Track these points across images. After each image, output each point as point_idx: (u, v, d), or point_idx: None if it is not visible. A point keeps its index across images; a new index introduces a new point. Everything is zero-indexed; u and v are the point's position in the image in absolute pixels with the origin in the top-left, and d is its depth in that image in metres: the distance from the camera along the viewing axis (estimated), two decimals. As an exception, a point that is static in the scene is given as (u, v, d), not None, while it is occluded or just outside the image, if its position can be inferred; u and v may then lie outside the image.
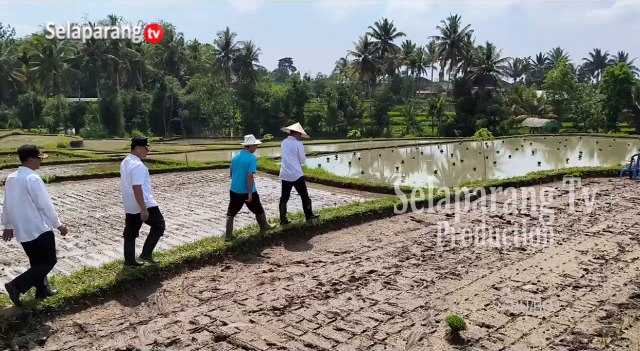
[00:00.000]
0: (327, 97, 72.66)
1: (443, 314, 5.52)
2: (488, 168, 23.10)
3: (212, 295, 6.19)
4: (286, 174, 9.05)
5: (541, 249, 7.95)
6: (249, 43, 76.88)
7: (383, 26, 78.42)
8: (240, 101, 73.15)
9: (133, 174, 6.52)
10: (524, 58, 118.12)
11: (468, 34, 73.35)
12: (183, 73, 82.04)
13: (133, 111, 70.57)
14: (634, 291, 6.08)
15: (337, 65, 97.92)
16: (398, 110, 73.15)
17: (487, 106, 66.23)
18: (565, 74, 65.18)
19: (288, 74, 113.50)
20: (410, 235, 8.97)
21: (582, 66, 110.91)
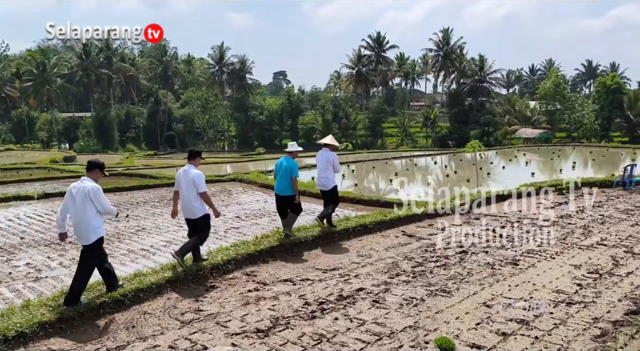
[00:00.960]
0: (321, 109, 72.73)
1: (432, 334, 5.33)
2: (482, 180, 22.98)
3: (194, 316, 5.98)
4: (322, 183, 9.80)
5: (534, 264, 7.78)
6: (243, 57, 77.18)
7: (376, 39, 78.88)
8: (235, 114, 73.21)
9: (197, 182, 7.41)
10: (517, 69, 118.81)
11: (461, 46, 73.88)
12: (177, 87, 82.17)
13: (127, 125, 70.43)
14: (628, 308, 5.91)
15: (331, 77, 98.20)
16: (392, 122, 73.25)
17: (481, 117, 66.44)
18: (557, 84, 65.47)
19: (282, 87, 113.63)
20: (400, 250, 8.79)
21: (574, 77, 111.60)
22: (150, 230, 11.22)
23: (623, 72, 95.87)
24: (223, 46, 77.54)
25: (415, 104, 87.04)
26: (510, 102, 70.90)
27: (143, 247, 9.74)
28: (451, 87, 75.99)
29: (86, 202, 6.08)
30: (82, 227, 6.13)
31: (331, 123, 70.75)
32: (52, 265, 8.57)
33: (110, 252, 9.35)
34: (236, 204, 14.61)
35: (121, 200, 15.98)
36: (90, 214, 6.11)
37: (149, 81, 77.56)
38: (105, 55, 71.43)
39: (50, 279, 7.78)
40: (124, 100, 77.63)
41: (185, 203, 7.54)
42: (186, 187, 7.47)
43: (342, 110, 71.16)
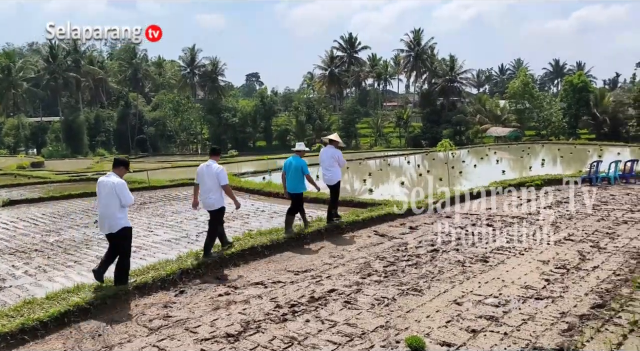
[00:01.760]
0: (295, 111, 72.62)
1: (403, 333, 5.34)
2: (454, 178, 23.23)
3: (162, 323, 5.86)
4: (327, 178, 10.29)
5: (503, 260, 7.88)
6: (215, 58, 76.60)
7: (348, 40, 79.27)
8: (207, 117, 72.54)
9: (220, 176, 8.06)
10: (487, 69, 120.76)
11: (432, 46, 74.74)
12: (148, 90, 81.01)
13: (97, 129, 69.10)
14: (594, 302, 6.02)
15: (305, 79, 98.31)
16: (365, 123, 73.65)
17: (453, 116, 67.31)
18: (526, 83, 66.75)
19: (255, 88, 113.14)
20: (373, 250, 8.80)
21: (543, 76, 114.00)
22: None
23: (589, 70, 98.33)
24: (194, 48, 76.89)
25: (388, 104, 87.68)
26: (480, 101, 71.98)
27: (112, 253, 9.51)
28: (423, 87, 76.86)
29: (111, 195, 6.68)
30: (107, 218, 6.76)
31: (305, 124, 70.73)
32: (17, 273, 8.32)
33: (78, 258, 9.15)
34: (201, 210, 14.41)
35: (90, 205, 15.64)
36: (115, 206, 6.71)
37: (119, 84, 76.24)
38: (73, 58, 69.95)
39: (14, 288, 7.55)
40: (93, 104, 76.14)
41: (205, 196, 8.17)
42: (209, 180, 8.10)
43: (316, 111, 71.21)
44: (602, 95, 66.53)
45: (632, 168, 16.39)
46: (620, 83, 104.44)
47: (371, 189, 20.05)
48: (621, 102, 65.82)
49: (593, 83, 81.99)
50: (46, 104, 78.43)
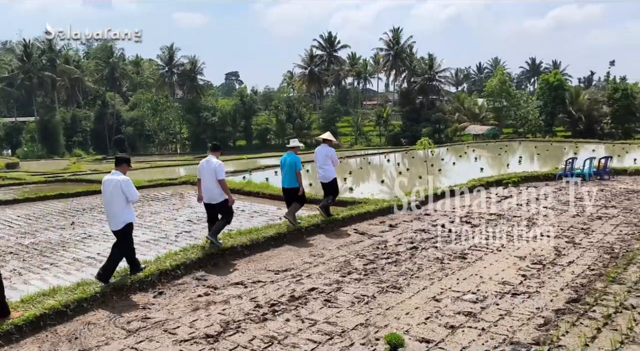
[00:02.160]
0: (275, 109, 72.44)
1: (383, 331, 5.37)
2: (434, 176, 23.44)
3: (141, 325, 5.80)
4: (322, 175, 10.65)
5: (481, 257, 7.98)
6: (194, 57, 75.91)
7: (328, 39, 79.34)
8: (186, 116, 71.87)
9: (217, 171, 8.35)
10: (465, 67, 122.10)
11: (410, 45, 75.19)
12: (125, 89, 79.97)
13: (73, 129, 67.98)
14: (570, 296, 6.13)
15: (284, 77, 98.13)
16: (346, 121, 73.81)
17: (432, 115, 67.90)
18: (503, 82, 67.61)
19: (235, 87, 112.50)
20: (352, 249, 8.83)
21: (519, 74, 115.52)
22: (98, 237, 10.86)
23: (564, 69, 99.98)
24: (172, 47, 76.09)
25: (368, 103, 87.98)
26: (459, 99, 72.66)
27: (90, 254, 9.40)
28: (402, 85, 77.28)
29: (116, 192, 6.90)
30: (112, 214, 7.00)
31: (285, 123, 70.61)
32: (-10, 277, 8.13)
33: (55, 261, 9.01)
34: (188, 207, 14.34)
35: (67, 207, 15.40)
36: (120, 203, 6.94)
37: (96, 83, 75.07)
38: (48, 57, 68.68)
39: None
40: (69, 104, 74.86)
41: (207, 190, 8.51)
42: (208, 175, 8.45)
43: (296, 110, 71.13)
44: (577, 93, 67.75)
45: (606, 164, 16.73)
46: (594, 81, 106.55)
47: (351, 188, 20.13)
48: (596, 100, 67.14)
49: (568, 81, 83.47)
50: (21, 104, 76.82)
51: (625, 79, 71.14)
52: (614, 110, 62.95)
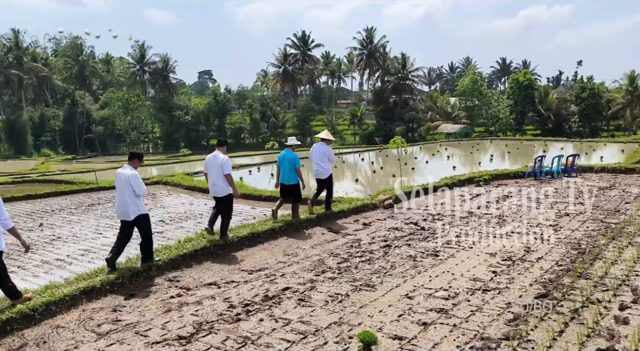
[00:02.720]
0: (249, 108, 72.13)
1: (356, 329, 5.39)
2: (407, 174, 23.67)
3: (111, 327, 5.70)
4: (319, 173, 11.01)
5: (453, 254, 8.08)
6: (166, 55, 75.09)
7: (301, 37, 79.34)
8: (159, 115, 71.02)
9: (224, 165, 8.75)
10: (437, 67, 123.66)
11: (384, 44, 75.80)
12: (96, 87, 78.54)
13: (42, 129, 66.51)
14: (538, 292, 6.26)
15: (258, 76, 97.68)
16: (320, 120, 73.93)
17: (405, 114, 68.53)
18: (475, 81, 68.66)
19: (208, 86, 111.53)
20: (326, 247, 8.85)
21: (490, 73, 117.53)
22: (67, 239, 10.64)
23: (534, 69, 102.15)
24: (144, 45, 75.03)
25: (342, 102, 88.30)
26: (432, 98, 73.52)
27: (59, 256, 9.21)
28: (376, 84, 77.79)
29: (126, 186, 7.36)
30: (123, 206, 7.43)
31: (259, 122, 70.37)
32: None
33: (22, 263, 8.81)
34: (160, 207, 14.15)
35: (34, 208, 15.06)
36: (129, 196, 7.38)
37: (65, 82, 73.49)
38: (15, 54, 66.94)
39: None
40: (37, 102, 73.11)
41: (213, 184, 8.97)
42: (215, 169, 8.88)
43: (270, 109, 70.96)
44: (546, 92, 69.32)
45: (573, 162, 17.12)
46: (563, 81, 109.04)
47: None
48: (564, 99, 68.82)
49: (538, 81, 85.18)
50: (-14, 103, 74.75)
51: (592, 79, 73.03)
52: (581, 109, 64.60)
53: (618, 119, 66.69)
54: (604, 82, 69.77)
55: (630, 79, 63.66)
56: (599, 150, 33.78)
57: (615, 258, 7.39)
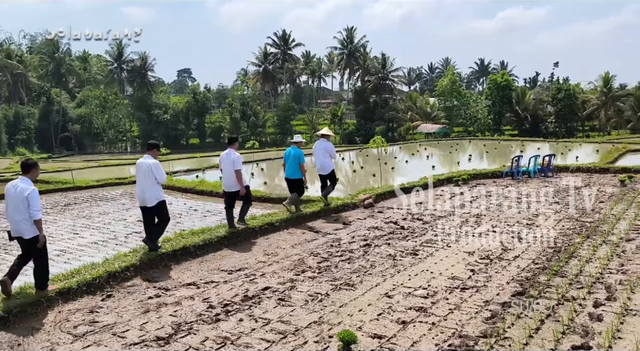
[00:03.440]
0: (229, 107, 71.65)
1: (336, 328, 5.41)
2: (387, 174, 23.77)
3: (88, 329, 5.62)
4: (321, 168, 11.71)
5: (432, 253, 8.16)
6: (144, 53, 74.05)
7: (282, 36, 79.12)
8: (137, 114, 70.11)
9: (235, 162, 9.46)
10: (417, 67, 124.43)
11: (364, 44, 76.06)
12: (72, 85, 77.14)
13: (16, 127, 65.05)
14: (515, 289, 6.36)
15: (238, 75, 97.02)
16: (301, 120, 73.84)
17: (385, 114, 68.84)
18: (454, 82, 69.33)
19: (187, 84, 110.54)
20: (307, 247, 8.85)
21: (469, 74, 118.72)
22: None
23: (511, 70, 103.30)
24: (122, 42, 73.88)
25: (322, 102, 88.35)
26: (411, 98, 74.00)
27: (33, 257, 9.00)
28: (356, 84, 78.00)
29: (148, 174, 7.95)
30: (144, 193, 8.01)
31: (239, 121, 69.96)
32: None
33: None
34: (138, 207, 13.95)
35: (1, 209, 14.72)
36: (150, 183, 7.97)
37: (40, 79, 71.99)
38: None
39: None
40: (11, 100, 71.50)
41: (226, 179, 9.71)
42: (227, 166, 9.56)
43: (250, 108, 70.60)
44: (523, 93, 70.25)
45: (549, 162, 17.41)
46: (539, 82, 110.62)
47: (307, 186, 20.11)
48: (540, 99, 69.88)
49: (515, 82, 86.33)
50: (-42, 100, 73.00)
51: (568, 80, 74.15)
52: (557, 110, 65.69)
53: (593, 120, 67.98)
54: (579, 84, 71.00)
55: (604, 81, 64.97)
56: (575, 150, 34.37)
57: (589, 256, 7.54)
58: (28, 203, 6.17)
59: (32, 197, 6.18)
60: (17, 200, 6.22)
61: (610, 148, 28.07)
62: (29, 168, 6.51)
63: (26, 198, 6.17)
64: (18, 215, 6.23)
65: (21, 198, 6.18)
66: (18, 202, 6.20)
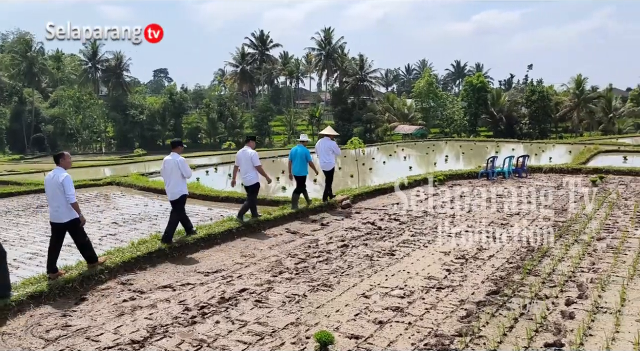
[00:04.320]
0: (206, 108, 71.08)
1: (313, 329, 5.41)
2: (365, 175, 23.89)
3: (61, 333, 5.51)
4: (325, 165, 12.38)
5: (409, 253, 8.22)
6: (119, 53, 73.01)
7: (259, 37, 78.87)
8: (112, 114, 69.08)
9: (253, 159, 10.17)
10: (394, 68, 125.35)
11: (342, 45, 76.22)
12: (45, 85, 75.59)
13: (-14, 127, 63.54)
14: (490, 288, 6.45)
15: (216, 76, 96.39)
16: (279, 120, 73.70)
17: (363, 114, 69.15)
18: (430, 83, 70.05)
19: (164, 85, 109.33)
20: (284, 248, 8.83)
21: (445, 76, 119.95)
22: (14, 242, 10.23)
23: (487, 72, 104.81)
24: (96, 41, 72.75)
25: (300, 102, 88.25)
26: (389, 100, 74.46)
27: (3, 261, 8.80)
28: (334, 85, 78.13)
29: (175, 170, 8.69)
30: (171, 187, 8.77)
31: (217, 122, 69.49)
32: None
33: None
34: (113, 209, 13.79)
35: (-22, 210, 14.37)
36: (178, 178, 8.73)
37: (12, 79, 70.32)
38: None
39: None
40: (-19, 100, 69.83)
41: (243, 175, 10.31)
42: (245, 163, 10.24)
43: (228, 109, 70.18)
44: (498, 95, 71.33)
45: (523, 163, 17.70)
46: (514, 84, 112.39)
47: (284, 187, 20.07)
48: (515, 101, 71.02)
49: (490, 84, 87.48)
50: None
51: (541, 82, 75.54)
52: (531, 112, 66.84)
53: (566, 121, 69.32)
54: (552, 86, 72.37)
55: (577, 83, 66.35)
56: (548, 151, 35.01)
57: (562, 255, 7.70)
58: (63, 189, 6.88)
59: (65, 183, 6.93)
60: (54, 187, 6.98)
61: (583, 149, 28.66)
62: (58, 158, 7.26)
63: (61, 184, 6.90)
64: (56, 201, 7.01)
65: (57, 185, 6.93)
66: (55, 189, 6.96)
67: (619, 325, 5.29)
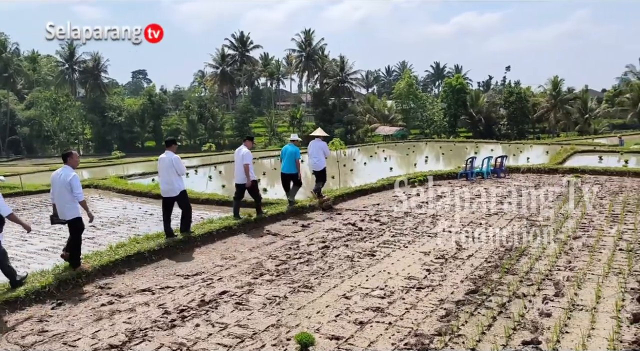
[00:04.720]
0: (186, 110, 70.56)
1: (294, 330, 5.41)
2: (346, 176, 23.95)
3: (37, 339, 5.42)
4: (315, 165, 12.74)
5: (389, 253, 8.26)
6: (97, 54, 72.12)
7: (240, 38, 78.64)
8: (90, 116, 68.16)
9: (244, 157, 10.43)
10: (375, 70, 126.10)
11: (322, 47, 76.43)
12: (21, 87, 74.22)
13: (-40, 130, 62.15)
14: (469, 288, 6.51)
15: (195, 77, 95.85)
16: (259, 122, 73.53)
17: (344, 116, 69.41)
18: (410, 85, 70.64)
19: (143, 86, 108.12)
20: (265, 250, 8.81)
21: (425, 77, 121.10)
22: None
23: (466, 73, 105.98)
24: (73, 42, 71.65)
25: (281, 104, 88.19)
26: (369, 101, 74.89)
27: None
28: (315, 87, 78.28)
29: (170, 167, 8.97)
30: (169, 185, 9.03)
31: (197, 123, 69.02)
32: None
33: None
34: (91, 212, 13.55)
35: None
36: (173, 175, 8.99)
37: (-14, 80, 69.05)
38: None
39: None
40: (-46, 101, 68.25)
41: (238, 173, 10.63)
42: (238, 161, 10.56)
43: (208, 111, 69.79)
44: (477, 96, 72.26)
45: (502, 163, 17.93)
46: (492, 85, 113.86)
47: (265, 188, 20.02)
48: (493, 102, 72.00)
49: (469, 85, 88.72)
50: None
51: (519, 84, 76.75)
52: (509, 113, 67.84)
53: (543, 122, 70.51)
54: (530, 87, 73.61)
55: (554, 84, 67.52)
56: (526, 152, 35.53)
57: (539, 254, 7.82)
58: (71, 188, 7.06)
59: (73, 182, 7.11)
60: (61, 186, 7.17)
61: (559, 150, 29.15)
62: (66, 157, 7.46)
63: (69, 183, 7.08)
64: (62, 199, 7.21)
65: (65, 183, 7.11)
66: (62, 187, 7.15)
67: (595, 322, 5.39)
